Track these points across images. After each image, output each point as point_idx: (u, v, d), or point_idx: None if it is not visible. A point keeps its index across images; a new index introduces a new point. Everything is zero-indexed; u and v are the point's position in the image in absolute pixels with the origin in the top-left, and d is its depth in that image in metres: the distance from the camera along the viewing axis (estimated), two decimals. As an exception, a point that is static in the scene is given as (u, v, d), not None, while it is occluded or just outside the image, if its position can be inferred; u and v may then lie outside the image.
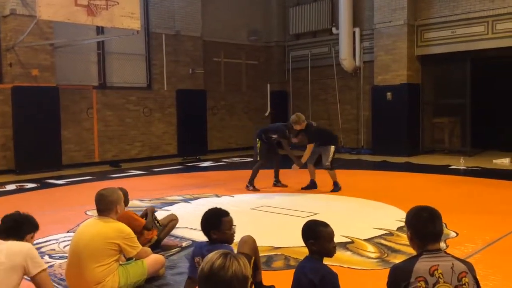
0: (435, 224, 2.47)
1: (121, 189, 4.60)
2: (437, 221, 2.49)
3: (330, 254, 2.86)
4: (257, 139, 8.40)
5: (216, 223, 3.22)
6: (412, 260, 2.43)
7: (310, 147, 7.98)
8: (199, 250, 3.25)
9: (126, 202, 4.53)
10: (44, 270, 3.07)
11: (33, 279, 3.05)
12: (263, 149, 8.34)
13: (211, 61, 14.73)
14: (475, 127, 13.04)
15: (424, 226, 2.46)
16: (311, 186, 8.30)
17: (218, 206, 3.45)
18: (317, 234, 2.83)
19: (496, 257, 4.51)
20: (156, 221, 4.91)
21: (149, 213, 4.86)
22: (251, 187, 8.27)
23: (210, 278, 1.74)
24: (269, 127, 8.68)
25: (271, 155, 8.46)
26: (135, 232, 4.41)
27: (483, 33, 12.00)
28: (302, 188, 8.29)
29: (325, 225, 2.87)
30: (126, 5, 9.77)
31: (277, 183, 8.59)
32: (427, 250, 2.42)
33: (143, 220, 4.74)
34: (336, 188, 8.04)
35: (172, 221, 5.10)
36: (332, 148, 8.02)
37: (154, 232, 4.89)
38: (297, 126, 8.02)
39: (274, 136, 8.35)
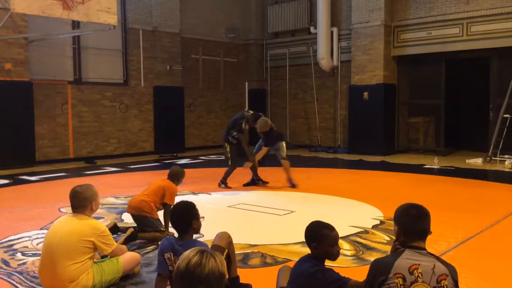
0: (423, 222, 2.49)
1: (179, 168, 5.45)
2: (425, 219, 2.51)
3: (333, 258, 2.76)
4: (225, 143, 8.36)
5: (194, 213, 3.28)
6: (394, 256, 2.44)
7: (265, 150, 8.39)
8: (168, 245, 3.24)
9: (180, 181, 5.39)
10: None
11: None
12: (233, 153, 8.28)
13: (189, 58, 14.65)
14: (449, 127, 13.29)
15: (411, 223, 2.48)
16: (293, 185, 8.34)
17: (184, 200, 3.47)
18: (321, 238, 2.71)
19: (468, 255, 4.61)
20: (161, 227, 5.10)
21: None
22: (223, 185, 8.28)
23: (186, 276, 1.73)
24: (229, 125, 8.43)
25: (242, 157, 8.37)
26: (160, 198, 5.04)
27: (458, 35, 12.22)
28: (257, 183, 8.50)
29: (330, 228, 2.76)
30: (103, -1, 9.63)
31: (258, 181, 8.51)
32: (411, 246, 2.44)
33: (173, 202, 5.01)
34: (292, 184, 8.27)
35: (157, 235, 5.03)
36: (283, 143, 8.44)
37: (155, 213, 5.05)
38: (262, 130, 8.24)
39: (235, 134, 8.25)
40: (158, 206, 5.13)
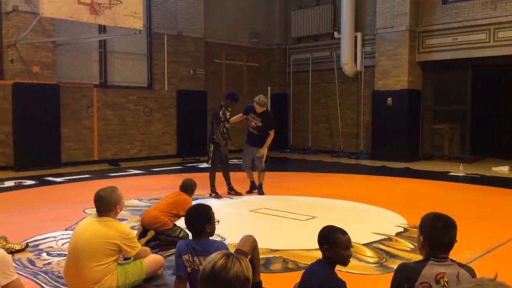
0: (450, 234, 2.44)
1: (190, 180, 5.33)
2: (452, 231, 2.45)
3: (345, 262, 2.79)
4: (210, 144, 7.91)
5: (209, 216, 3.34)
6: (420, 264, 2.41)
7: (272, 133, 7.99)
8: (185, 247, 3.28)
9: (193, 192, 5.34)
10: (13, 281, 2.78)
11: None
12: (215, 154, 7.85)
13: (212, 62, 14.74)
14: (475, 134, 13.06)
15: (438, 235, 2.42)
16: (254, 188, 8.16)
17: (200, 203, 3.53)
18: (333, 241, 2.76)
19: (494, 264, 4.52)
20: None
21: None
22: (214, 194, 7.81)
23: (211, 278, 1.73)
24: (212, 124, 7.99)
25: (224, 158, 7.97)
26: (176, 211, 4.99)
27: (485, 40, 12.03)
28: (247, 192, 8.13)
29: (342, 232, 2.81)
30: (129, 4, 9.79)
31: (231, 190, 8.08)
32: (435, 256, 2.41)
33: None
34: (260, 191, 8.02)
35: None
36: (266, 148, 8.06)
37: (170, 223, 5.02)
38: (262, 107, 7.78)
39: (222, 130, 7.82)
40: (172, 219, 5.07)
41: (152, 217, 5.00)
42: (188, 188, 5.31)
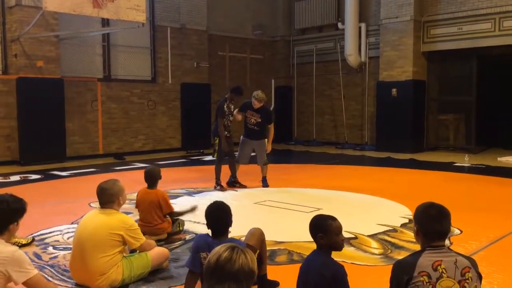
0: (442, 223, 2.46)
1: (153, 168, 5.16)
2: (445, 220, 2.47)
3: (339, 247, 2.84)
4: (215, 137, 7.81)
5: (231, 216, 3.31)
6: (415, 255, 2.43)
7: (272, 128, 8.01)
8: (205, 245, 3.18)
9: (159, 178, 5.07)
10: (31, 278, 2.76)
11: (23, 284, 2.78)
12: (221, 147, 7.74)
13: (216, 55, 14.71)
14: (480, 124, 13.00)
15: (431, 223, 2.45)
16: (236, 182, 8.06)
17: (218, 200, 3.45)
18: (326, 228, 2.80)
19: (499, 255, 4.51)
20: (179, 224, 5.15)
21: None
22: (219, 186, 7.78)
23: (216, 271, 1.73)
24: (216, 117, 7.88)
25: (229, 150, 7.88)
26: (160, 212, 4.86)
27: (490, 30, 11.93)
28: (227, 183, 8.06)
29: (333, 218, 2.86)
30: (132, -3, 9.75)
31: (235, 183, 8.04)
32: (430, 246, 2.43)
33: (173, 208, 5.00)
34: (265, 183, 7.99)
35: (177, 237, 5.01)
36: (266, 141, 7.99)
37: (169, 226, 4.98)
38: (260, 103, 7.70)
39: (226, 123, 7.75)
40: (163, 217, 4.94)
41: (151, 230, 4.80)
42: (157, 178, 5.05)
